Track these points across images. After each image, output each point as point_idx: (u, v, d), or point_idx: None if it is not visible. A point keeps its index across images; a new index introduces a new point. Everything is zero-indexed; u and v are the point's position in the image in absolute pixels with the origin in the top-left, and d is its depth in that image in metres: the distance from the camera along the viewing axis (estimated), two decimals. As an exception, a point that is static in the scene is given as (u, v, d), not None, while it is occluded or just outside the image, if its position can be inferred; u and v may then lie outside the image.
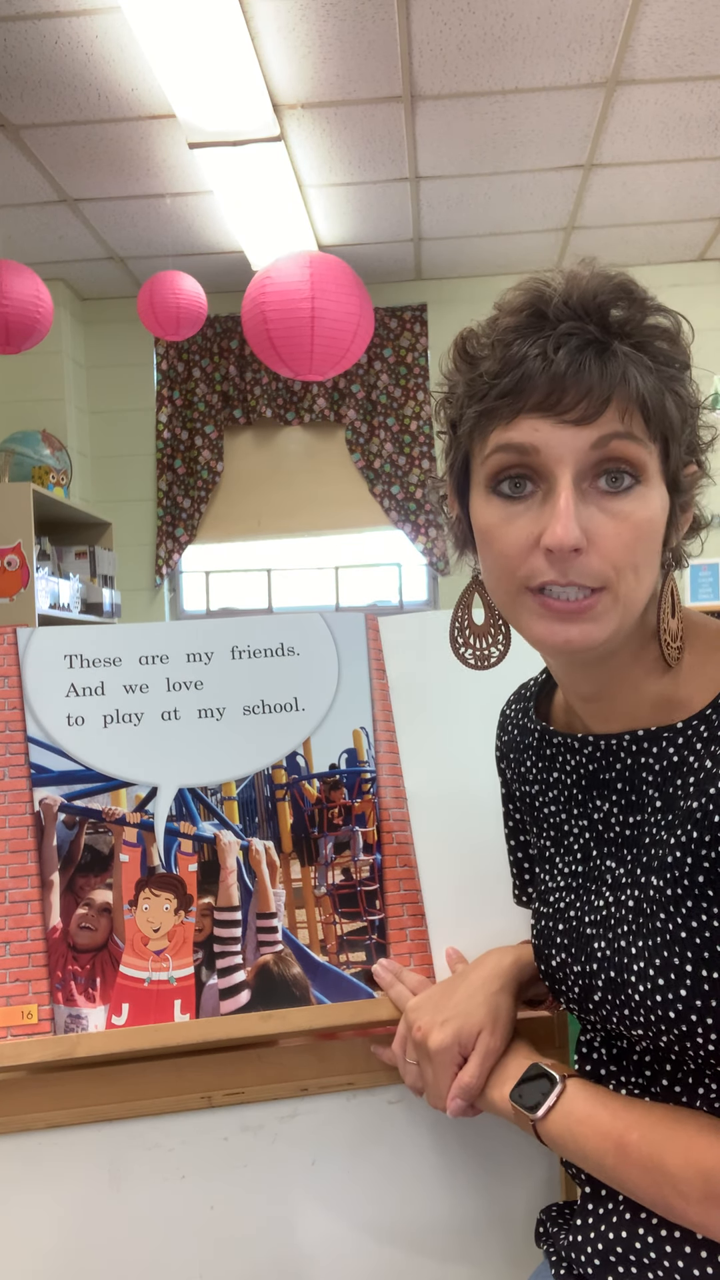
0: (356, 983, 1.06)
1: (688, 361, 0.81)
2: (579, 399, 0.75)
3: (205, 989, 1.03)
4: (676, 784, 0.81)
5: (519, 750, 1.00)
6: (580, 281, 0.79)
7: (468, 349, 0.83)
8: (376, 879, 1.11)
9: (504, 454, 0.78)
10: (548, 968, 0.92)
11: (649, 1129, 0.80)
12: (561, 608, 0.78)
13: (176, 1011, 1.02)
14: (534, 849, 0.99)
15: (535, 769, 0.97)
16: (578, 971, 0.87)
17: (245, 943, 1.06)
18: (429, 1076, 0.95)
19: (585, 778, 0.90)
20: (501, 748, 1.04)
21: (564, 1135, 0.85)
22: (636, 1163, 0.79)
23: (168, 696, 1.12)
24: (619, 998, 0.82)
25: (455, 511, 0.89)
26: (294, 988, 1.05)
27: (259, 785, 1.11)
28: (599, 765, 0.88)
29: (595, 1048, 0.90)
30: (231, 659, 1.14)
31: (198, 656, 1.13)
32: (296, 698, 1.14)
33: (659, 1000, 0.78)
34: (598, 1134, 0.82)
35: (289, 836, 1.11)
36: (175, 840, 1.08)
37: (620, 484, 0.77)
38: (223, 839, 1.09)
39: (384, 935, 1.09)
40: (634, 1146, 0.79)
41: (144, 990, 1.02)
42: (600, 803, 0.89)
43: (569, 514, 0.75)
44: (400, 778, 1.14)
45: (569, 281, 0.79)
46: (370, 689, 1.17)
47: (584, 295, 0.78)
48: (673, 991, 0.77)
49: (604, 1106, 0.83)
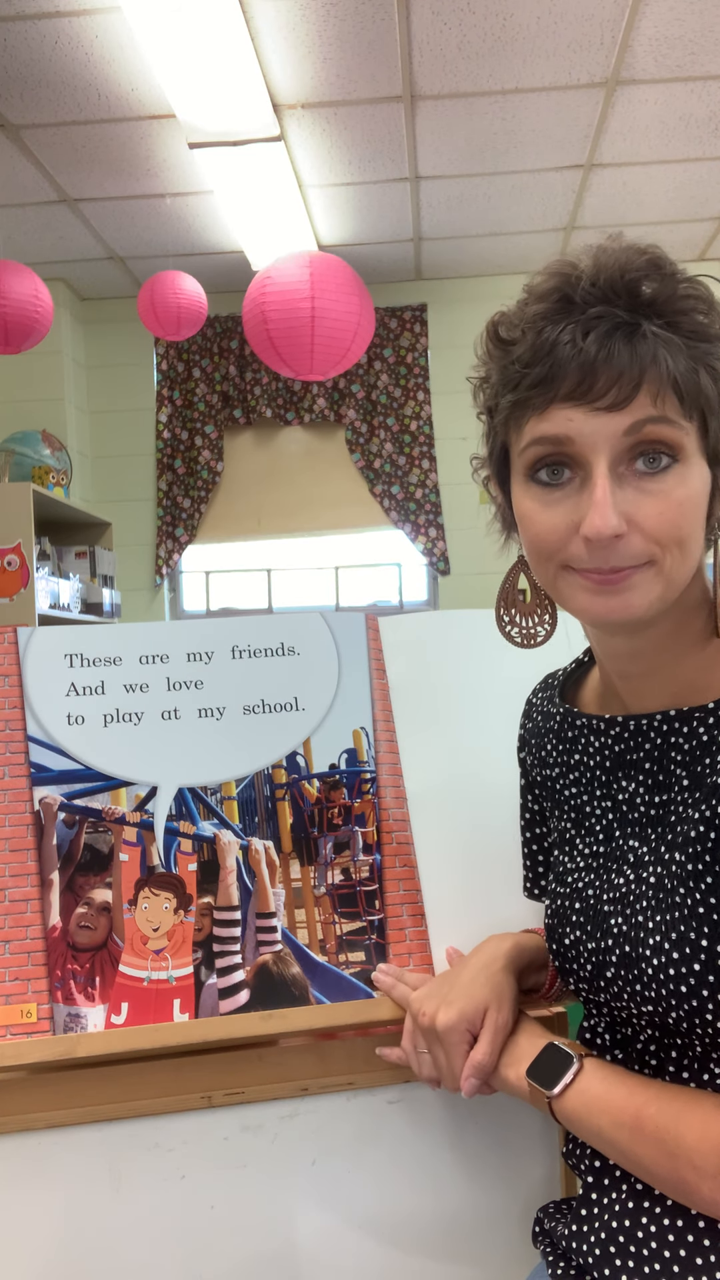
0: (356, 983, 1.06)
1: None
2: (610, 385, 0.75)
3: (204, 988, 1.03)
4: (705, 763, 0.81)
5: (540, 735, 1.00)
6: (608, 259, 0.78)
7: (500, 333, 0.82)
8: (376, 879, 1.11)
9: (539, 446, 0.79)
10: (560, 947, 0.91)
11: (666, 1104, 0.79)
12: (602, 580, 0.79)
13: (176, 1011, 1.02)
14: (553, 834, 0.99)
15: (556, 752, 0.97)
16: (591, 949, 0.87)
17: (244, 942, 1.06)
18: (441, 1060, 0.95)
19: (610, 759, 0.90)
20: (524, 735, 1.04)
21: (579, 1112, 0.84)
22: (652, 1136, 0.78)
23: (168, 696, 1.12)
24: (632, 973, 0.82)
25: (498, 495, 0.90)
26: (293, 987, 1.04)
27: (259, 785, 1.11)
28: (626, 746, 0.88)
29: (599, 1033, 0.90)
30: (232, 659, 1.14)
31: (198, 656, 1.13)
32: (296, 697, 1.14)
33: (671, 974, 0.78)
34: (614, 1109, 0.82)
35: (289, 836, 1.10)
36: (175, 840, 1.08)
37: (658, 464, 0.77)
38: (222, 838, 1.09)
39: (383, 935, 1.09)
40: (650, 1121, 0.79)
41: (143, 989, 1.02)
42: (626, 783, 0.89)
43: (606, 504, 0.76)
44: (400, 778, 1.14)
45: (596, 261, 0.78)
46: (370, 689, 1.16)
47: (611, 275, 0.77)
48: (686, 965, 0.77)
49: (621, 1083, 0.83)
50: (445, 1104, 1.05)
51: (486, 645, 1.22)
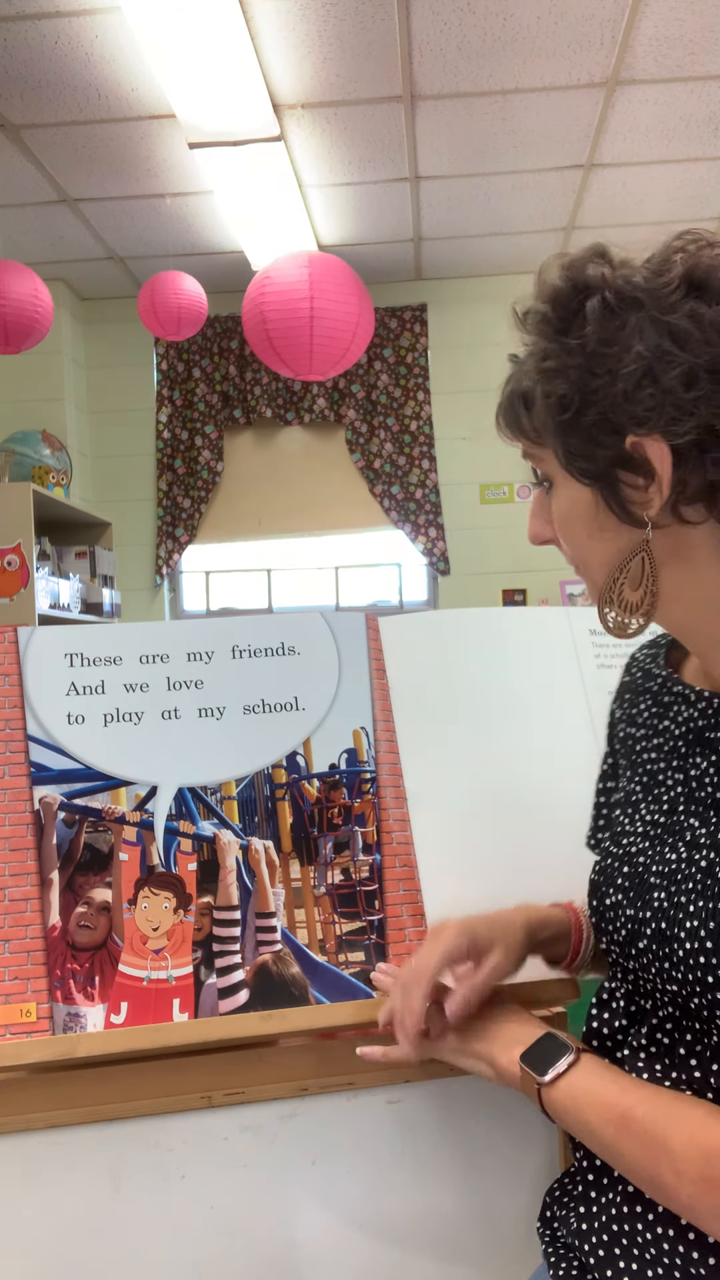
0: (355, 983, 1.06)
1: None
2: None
3: (204, 988, 1.03)
4: None
5: (636, 692, 0.99)
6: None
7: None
8: (376, 879, 1.11)
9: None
10: (600, 905, 0.91)
11: (655, 1105, 0.79)
12: None
13: (175, 1010, 1.02)
14: (619, 794, 0.98)
15: (648, 714, 0.96)
16: (629, 915, 0.86)
17: (244, 942, 1.05)
18: (397, 1002, 0.93)
19: (693, 732, 0.89)
20: (620, 688, 1.04)
21: (567, 1103, 0.84)
22: (637, 1135, 0.79)
23: (168, 695, 1.11)
24: (664, 950, 0.82)
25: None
26: (293, 987, 1.04)
27: (259, 785, 1.11)
28: (709, 723, 0.88)
29: (616, 998, 0.90)
30: (232, 658, 1.14)
31: (198, 656, 1.13)
32: (297, 697, 1.14)
33: (702, 961, 0.78)
34: (603, 1104, 0.81)
35: (288, 836, 1.10)
36: (175, 839, 1.07)
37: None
38: (222, 838, 1.09)
39: (383, 935, 1.09)
40: (638, 1120, 0.79)
41: (142, 989, 1.02)
42: (700, 760, 0.88)
43: None
44: (400, 778, 1.14)
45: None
46: (370, 689, 1.16)
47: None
48: (718, 956, 0.77)
49: (614, 1080, 0.83)
50: (446, 1104, 1.05)
51: (486, 645, 1.22)
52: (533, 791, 1.16)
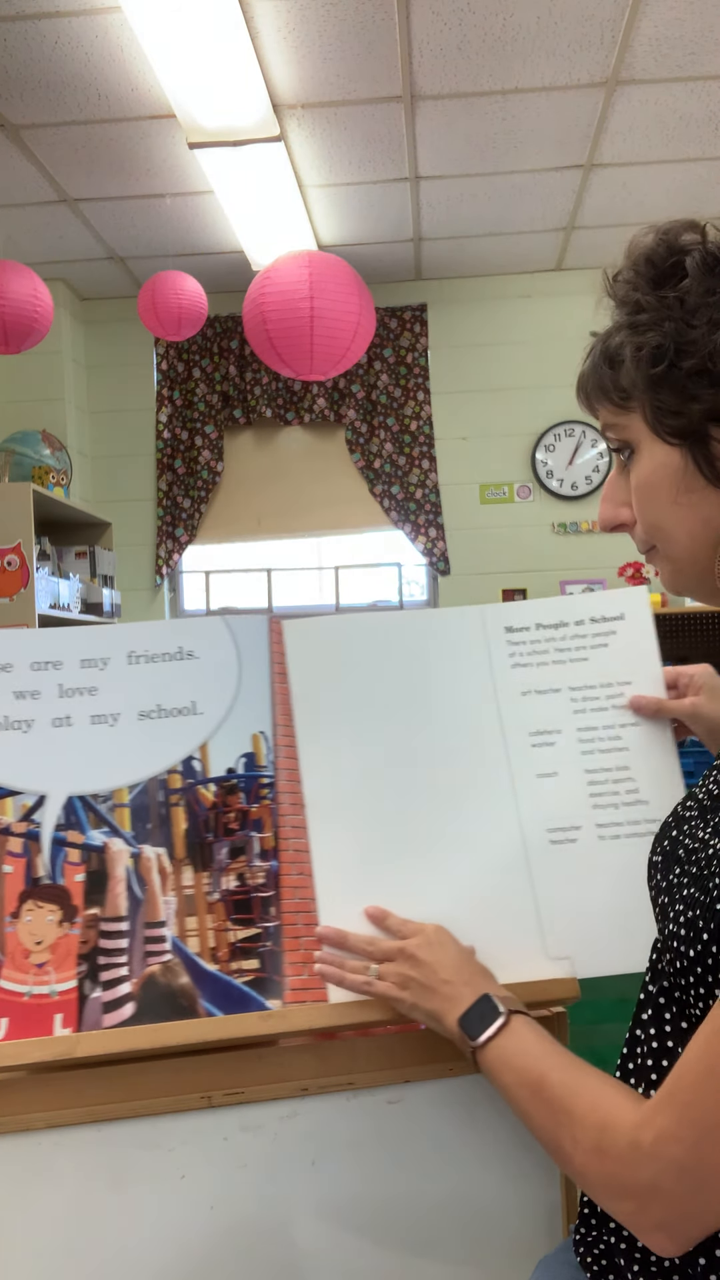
0: (248, 991, 1.04)
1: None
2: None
3: (88, 1002, 1.02)
4: None
5: None
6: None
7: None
8: (272, 885, 1.08)
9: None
10: (651, 855, 0.90)
11: (569, 1074, 0.82)
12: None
13: (57, 1026, 1.00)
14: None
15: None
16: (663, 873, 0.86)
17: (131, 953, 1.04)
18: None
19: None
20: None
21: (496, 1065, 0.87)
22: (546, 1101, 0.82)
23: (59, 702, 1.10)
24: (663, 923, 0.83)
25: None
26: (181, 998, 1.03)
27: (153, 791, 1.09)
28: None
29: (656, 946, 0.89)
30: (128, 664, 1.12)
31: (93, 662, 1.12)
32: (194, 701, 1.12)
33: (680, 949, 0.78)
34: (523, 1068, 0.85)
35: (182, 842, 1.08)
36: (62, 850, 1.06)
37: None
38: (112, 847, 1.07)
39: (278, 943, 1.06)
40: (550, 1087, 0.82)
41: (24, 1004, 1.01)
42: None
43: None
44: (299, 784, 1.11)
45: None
46: (271, 693, 1.14)
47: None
48: (688, 944, 0.77)
49: (537, 1044, 0.86)
50: (445, 1104, 1.05)
51: (393, 646, 1.17)
52: (436, 796, 1.12)
